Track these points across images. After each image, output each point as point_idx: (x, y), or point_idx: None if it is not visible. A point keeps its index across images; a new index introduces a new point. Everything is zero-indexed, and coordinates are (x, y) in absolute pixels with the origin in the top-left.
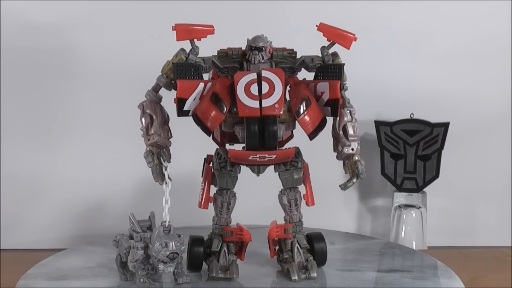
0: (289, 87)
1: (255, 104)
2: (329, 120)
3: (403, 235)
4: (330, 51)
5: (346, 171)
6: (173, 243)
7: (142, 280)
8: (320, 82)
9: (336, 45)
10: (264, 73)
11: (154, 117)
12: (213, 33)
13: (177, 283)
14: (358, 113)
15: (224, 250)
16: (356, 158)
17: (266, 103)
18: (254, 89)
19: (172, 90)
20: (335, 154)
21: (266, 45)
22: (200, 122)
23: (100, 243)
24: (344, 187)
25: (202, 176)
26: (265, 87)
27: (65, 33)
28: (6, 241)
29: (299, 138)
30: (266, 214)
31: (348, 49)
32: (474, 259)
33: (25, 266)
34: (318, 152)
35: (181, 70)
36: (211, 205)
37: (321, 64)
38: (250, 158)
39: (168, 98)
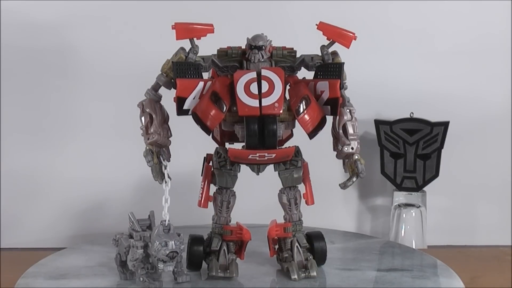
0: (289, 86)
1: (255, 103)
2: (329, 119)
3: (402, 234)
4: (330, 50)
5: (345, 170)
6: (173, 242)
7: (141, 279)
8: (320, 81)
9: (336, 44)
10: (264, 72)
11: (153, 116)
12: (213, 32)
13: (176, 282)
14: (358, 112)
15: (224, 249)
16: (356, 157)
17: (265, 102)
18: (254, 88)
19: (172, 89)
20: (335, 153)
21: (266, 44)
22: (199, 121)
23: (100, 242)
24: (344, 186)
25: (201, 175)
26: (265, 86)
27: (65, 32)
28: (6, 240)
29: (298, 137)
30: (266, 213)
31: (348, 48)
32: (474, 258)
33: (24, 265)
34: (318, 151)
35: (181, 69)
36: (210, 204)
37: (321, 63)
38: (249, 157)
39: (168, 97)
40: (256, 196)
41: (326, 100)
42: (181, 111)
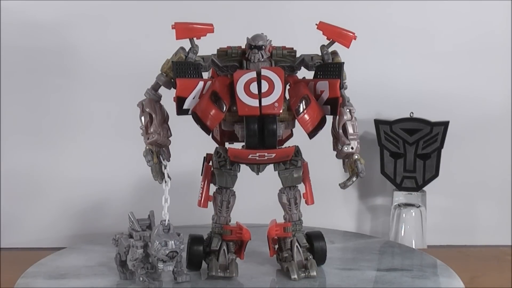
0: (289, 85)
1: (254, 102)
2: (329, 118)
3: (402, 234)
4: (330, 49)
5: (345, 170)
6: (173, 242)
7: (141, 279)
8: (319, 81)
9: (336, 43)
10: (264, 72)
11: (153, 115)
12: (213, 32)
13: (176, 282)
14: (358, 112)
15: (224, 249)
16: (356, 157)
17: (265, 101)
18: (253, 87)
19: (172, 88)
20: (335, 153)
21: (266, 44)
22: (199, 120)
23: (100, 242)
24: (343, 186)
25: (201, 175)
26: (265, 86)
27: (65, 32)
28: (6, 240)
29: (298, 137)
30: (266, 213)
31: (348, 47)
32: (474, 258)
33: (24, 265)
34: (317, 151)
35: (181, 69)
36: (210, 204)
37: (320, 62)
38: (249, 156)
39: (168, 97)
40: (256, 196)
41: (326, 99)
42: (181, 111)
